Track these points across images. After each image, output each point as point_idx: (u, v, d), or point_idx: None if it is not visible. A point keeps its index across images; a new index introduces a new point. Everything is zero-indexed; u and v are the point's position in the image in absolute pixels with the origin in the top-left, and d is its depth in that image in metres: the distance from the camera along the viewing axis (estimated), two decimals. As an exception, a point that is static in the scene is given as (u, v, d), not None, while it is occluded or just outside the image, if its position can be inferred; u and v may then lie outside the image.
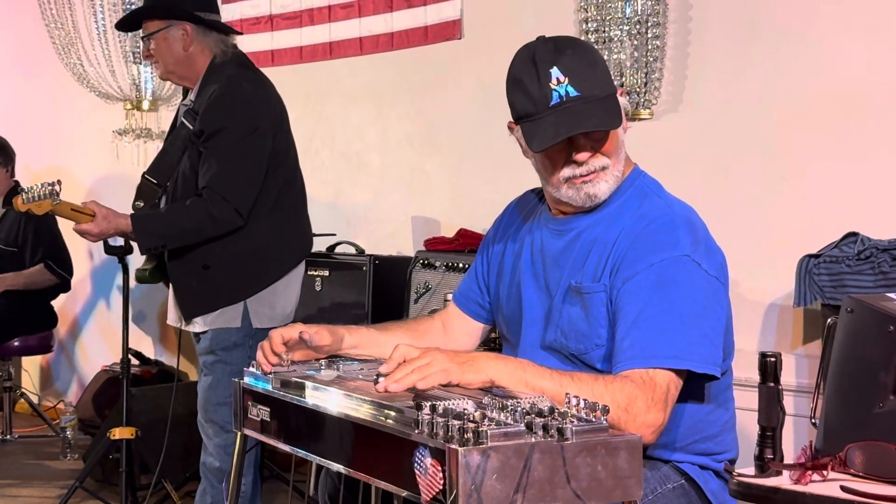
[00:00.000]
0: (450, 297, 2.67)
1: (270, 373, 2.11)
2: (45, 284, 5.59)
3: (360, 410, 1.79)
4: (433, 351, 1.95)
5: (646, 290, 2.09)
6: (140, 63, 5.58)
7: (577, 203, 2.23)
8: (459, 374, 1.91)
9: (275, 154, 3.46)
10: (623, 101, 2.23)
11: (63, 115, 6.50)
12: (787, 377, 3.36)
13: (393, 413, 1.70)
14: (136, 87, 5.73)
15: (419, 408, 1.60)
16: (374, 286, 4.26)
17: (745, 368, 2.40)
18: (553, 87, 2.13)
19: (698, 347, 2.06)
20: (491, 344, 3.04)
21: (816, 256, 3.24)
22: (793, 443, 3.08)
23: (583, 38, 3.89)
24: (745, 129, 3.66)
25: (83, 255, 6.17)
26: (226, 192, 3.33)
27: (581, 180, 2.19)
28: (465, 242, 4.08)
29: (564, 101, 2.13)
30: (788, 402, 2.34)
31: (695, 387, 2.15)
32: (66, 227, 3.56)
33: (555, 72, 2.13)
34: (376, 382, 1.89)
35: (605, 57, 3.80)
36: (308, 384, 1.96)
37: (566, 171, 2.19)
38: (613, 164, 2.20)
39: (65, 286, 5.71)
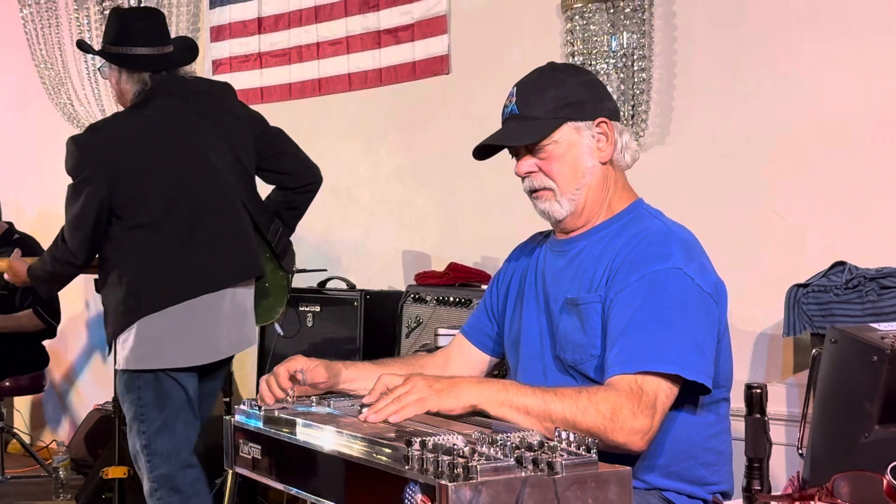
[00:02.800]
0: (441, 331, 2.68)
1: (273, 407, 2.11)
2: (31, 329, 5.56)
3: (351, 447, 1.79)
4: (414, 377, 1.96)
5: (637, 300, 2.10)
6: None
7: (539, 215, 2.31)
8: (437, 402, 1.92)
9: (125, 198, 3.41)
10: (578, 129, 2.23)
11: (53, 155, 6.45)
12: (778, 406, 3.36)
13: (384, 449, 1.70)
14: (127, 125, 5.74)
15: (409, 444, 1.61)
16: (365, 321, 4.27)
17: (736, 398, 2.41)
18: (507, 103, 2.28)
19: (690, 355, 2.05)
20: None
21: (805, 286, 3.25)
22: (785, 472, 3.07)
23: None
24: (731, 160, 3.68)
25: (76, 294, 6.15)
26: (65, 235, 3.53)
27: (533, 195, 2.28)
28: (456, 276, 4.08)
29: (507, 117, 2.27)
30: (780, 431, 2.33)
31: (689, 405, 2.15)
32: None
33: (513, 90, 2.27)
34: (360, 412, 1.92)
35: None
36: (299, 421, 1.96)
37: (522, 183, 2.30)
38: (563, 188, 2.24)
39: (51, 332, 5.70)
